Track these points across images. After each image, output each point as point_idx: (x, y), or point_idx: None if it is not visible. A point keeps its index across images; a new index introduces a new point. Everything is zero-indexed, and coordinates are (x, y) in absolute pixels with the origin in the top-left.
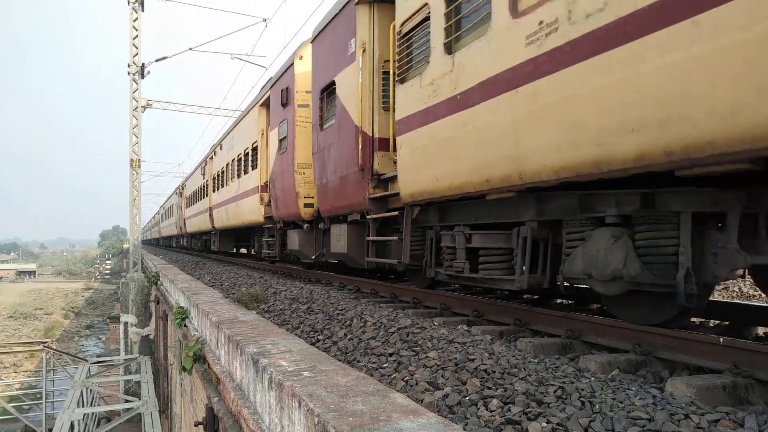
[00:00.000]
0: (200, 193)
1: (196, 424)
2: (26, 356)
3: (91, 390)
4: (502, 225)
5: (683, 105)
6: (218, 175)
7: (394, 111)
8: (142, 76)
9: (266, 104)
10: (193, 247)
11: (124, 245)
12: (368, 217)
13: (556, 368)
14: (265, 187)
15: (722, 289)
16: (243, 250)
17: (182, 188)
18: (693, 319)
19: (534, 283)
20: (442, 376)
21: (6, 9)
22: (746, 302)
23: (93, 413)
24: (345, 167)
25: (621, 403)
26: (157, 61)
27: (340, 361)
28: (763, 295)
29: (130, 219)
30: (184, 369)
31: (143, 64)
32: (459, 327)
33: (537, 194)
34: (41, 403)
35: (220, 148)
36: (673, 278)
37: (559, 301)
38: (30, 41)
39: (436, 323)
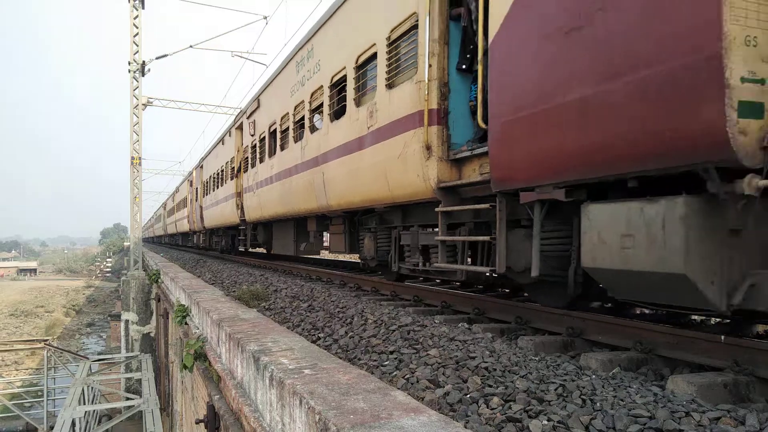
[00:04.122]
0: (172, 211)
1: (197, 422)
2: (27, 354)
3: (92, 388)
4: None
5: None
6: (179, 203)
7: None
8: (143, 74)
9: (188, 181)
10: (170, 242)
11: (125, 243)
12: (202, 232)
13: (557, 366)
14: (189, 216)
15: None
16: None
17: (164, 205)
18: (693, 317)
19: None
20: (443, 374)
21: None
22: None
23: (94, 411)
24: (196, 215)
25: (622, 400)
26: (157, 58)
27: (341, 359)
28: None
29: (130, 217)
30: (185, 367)
31: (144, 61)
32: (460, 325)
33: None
34: (42, 401)
35: (178, 191)
36: None
37: None
38: (22, 38)
39: (436, 321)
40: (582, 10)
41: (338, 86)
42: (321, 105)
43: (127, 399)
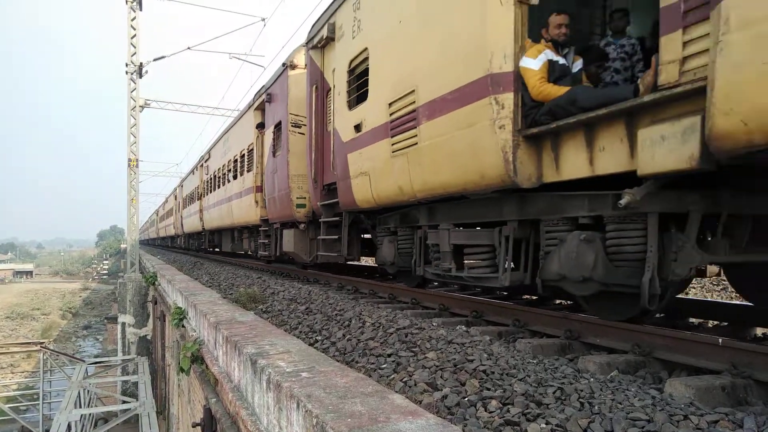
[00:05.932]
0: (163, 217)
1: (194, 425)
2: (23, 357)
3: (88, 391)
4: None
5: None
6: (168, 211)
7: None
8: (140, 76)
9: (174, 195)
10: (161, 244)
11: (122, 245)
12: (182, 236)
13: (555, 369)
14: (174, 223)
15: (721, 290)
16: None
17: (156, 213)
18: (692, 320)
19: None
20: (441, 376)
21: None
22: (745, 303)
23: (90, 414)
24: (178, 223)
25: (620, 404)
26: (155, 60)
27: (338, 361)
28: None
29: (127, 219)
30: (181, 370)
31: (141, 63)
32: (458, 327)
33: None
34: (38, 404)
35: (167, 202)
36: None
37: (558, 301)
38: (22, 41)
39: (434, 324)
40: (275, 167)
41: (235, 162)
42: (231, 168)
43: (124, 402)
